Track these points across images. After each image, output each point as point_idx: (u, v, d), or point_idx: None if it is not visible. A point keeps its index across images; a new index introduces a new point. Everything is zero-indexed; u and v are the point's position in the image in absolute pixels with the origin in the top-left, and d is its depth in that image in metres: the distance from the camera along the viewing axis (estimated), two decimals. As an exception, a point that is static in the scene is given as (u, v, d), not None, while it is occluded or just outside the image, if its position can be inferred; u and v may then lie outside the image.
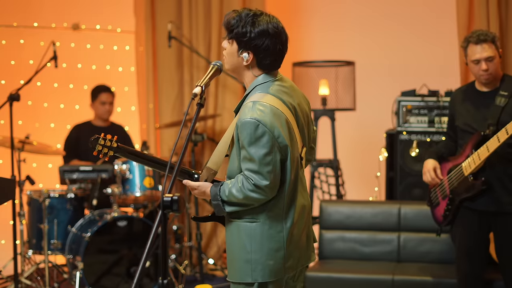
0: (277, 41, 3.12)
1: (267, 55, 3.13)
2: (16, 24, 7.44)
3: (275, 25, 3.14)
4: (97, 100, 6.75)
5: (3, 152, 6.61)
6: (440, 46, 7.24)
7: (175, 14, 7.10)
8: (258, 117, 3.01)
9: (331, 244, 5.61)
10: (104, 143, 3.25)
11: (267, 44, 3.10)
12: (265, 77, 3.17)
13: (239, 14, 3.15)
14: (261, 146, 3.02)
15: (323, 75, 6.32)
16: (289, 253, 3.16)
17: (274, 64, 3.18)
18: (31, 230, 6.17)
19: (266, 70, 3.17)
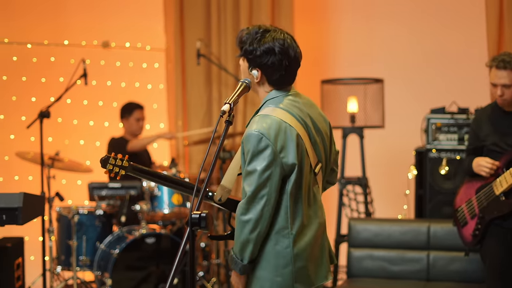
0: (283, 57, 3.10)
1: (274, 71, 3.12)
2: (47, 42, 7.51)
3: (281, 41, 3.12)
4: (131, 117, 6.78)
5: (33, 169, 6.66)
6: (470, 63, 7.19)
7: (204, 32, 7.14)
8: (262, 130, 3.01)
9: (360, 262, 5.57)
10: (115, 162, 3.26)
11: (272, 61, 3.10)
12: (277, 93, 3.17)
13: (249, 31, 3.17)
14: (261, 159, 3.00)
15: (351, 92, 6.31)
16: (297, 270, 3.10)
17: (284, 79, 3.16)
18: (60, 247, 6.20)
19: (277, 86, 3.17)
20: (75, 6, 7.61)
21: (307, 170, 3.11)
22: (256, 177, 3.01)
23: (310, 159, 3.12)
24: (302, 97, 3.25)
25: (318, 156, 3.19)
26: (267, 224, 3.05)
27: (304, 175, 3.09)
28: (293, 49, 3.16)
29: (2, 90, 7.39)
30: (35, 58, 7.50)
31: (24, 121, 7.09)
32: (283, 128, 3.04)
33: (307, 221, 3.13)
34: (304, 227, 3.12)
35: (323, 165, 3.24)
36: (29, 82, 7.48)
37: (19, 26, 7.42)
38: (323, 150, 3.23)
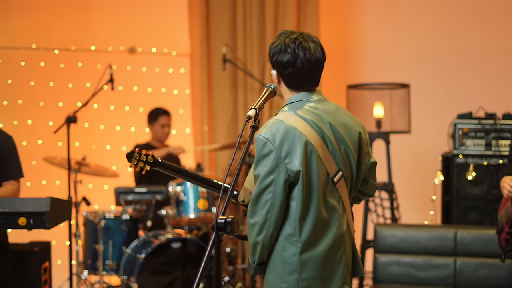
0: (294, 57, 3.12)
1: (287, 71, 3.16)
2: (74, 47, 7.57)
3: (293, 41, 3.14)
4: (156, 123, 6.81)
5: (60, 173, 6.71)
6: (497, 68, 7.14)
7: (230, 37, 7.16)
8: (268, 134, 3.02)
9: (386, 268, 5.54)
10: (139, 158, 3.39)
11: (284, 60, 3.14)
12: (297, 97, 3.17)
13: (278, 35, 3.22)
14: (264, 164, 3.01)
15: (377, 97, 6.29)
16: (304, 279, 3.07)
17: (299, 81, 3.17)
18: (86, 251, 6.23)
19: (294, 88, 3.20)
20: (102, 12, 7.66)
21: (323, 178, 3.07)
22: (259, 181, 3.03)
23: (326, 167, 3.08)
24: (327, 104, 3.21)
25: (338, 165, 3.13)
26: (273, 229, 3.04)
27: (318, 183, 3.06)
28: (308, 50, 3.14)
29: (30, 96, 7.45)
30: (63, 64, 7.56)
31: (52, 126, 7.14)
32: (291, 134, 3.02)
33: (320, 230, 3.09)
34: (316, 236, 3.08)
35: (346, 175, 3.17)
36: (56, 87, 7.54)
37: (47, 32, 7.48)
38: (346, 159, 3.17)
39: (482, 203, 5.78)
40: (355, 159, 3.19)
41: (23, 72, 7.48)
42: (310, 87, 3.20)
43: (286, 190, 3.02)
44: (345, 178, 3.16)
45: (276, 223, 3.03)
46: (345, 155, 3.15)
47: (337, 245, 3.13)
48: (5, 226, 4.07)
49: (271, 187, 3.01)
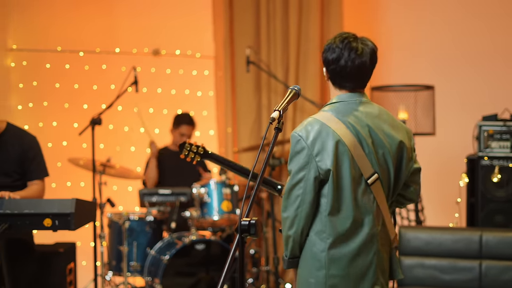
0: (338, 56, 3.24)
1: (329, 69, 3.27)
2: (99, 50, 7.61)
3: (340, 43, 3.27)
4: (177, 130, 6.83)
5: (85, 175, 6.74)
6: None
7: (254, 39, 7.16)
8: (302, 132, 3.12)
9: (410, 271, 5.51)
10: (190, 148, 3.68)
11: (329, 58, 3.26)
12: (340, 97, 3.25)
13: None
14: (296, 161, 3.11)
15: (402, 99, 6.26)
16: (331, 276, 3.13)
17: (341, 80, 3.25)
18: (111, 252, 6.26)
19: (339, 87, 3.28)
20: (126, 15, 7.69)
21: (355, 178, 3.11)
22: (290, 177, 3.13)
23: (360, 168, 3.12)
24: (370, 107, 3.25)
25: (374, 167, 3.16)
26: (304, 224, 3.13)
27: (350, 182, 3.11)
28: (354, 51, 3.25)
29: (55, 98, 7.50)
30: (87, 66, 7.60)
31: (76, 128, 7.19)
32: (325, 133, 3.09)
33: (350, 228, 3.13)
34: (346, 234, 3.13)
35: (383, 178, 3.20)
36: (81, 89, 7.59)
37: (72, 34, 7.53)
38: (384, 163, 3.19)
39: (507, 205, 5.73)
40: (394, 164, 3.23)
41: (48, 74, 7.53)
42: (353, 87, 3.27)
43: (317, 187, 3.10)
44: (381, 181, 3.19)
45: (306, 218, 3.12)
46: (382, 159, 3.19)
47: (368, 245, 3.17)
48: (30, 227, 4.10)
49: (301, 183, 3.10)
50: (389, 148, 3.20)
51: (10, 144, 4.80)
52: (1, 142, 4.79)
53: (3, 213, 4.00)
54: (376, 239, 3.18)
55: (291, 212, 3.12)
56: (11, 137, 4.82)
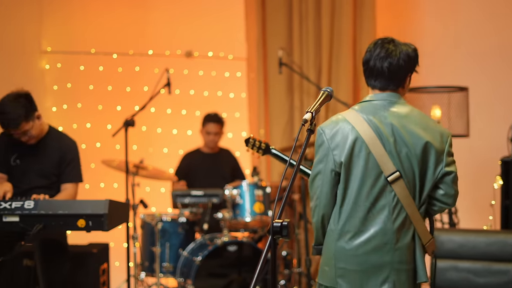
0: (369, 56, 3.36)
1: (363, 69, 3.39)
2: (132, 52, 7.66)
3: (373, 44, 3.40)
4: (204, 129, 6.85)
5: (118, 176, 6.79)
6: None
7: (286, 41, 7.16)
8: (324, 126, 3.31)
9: (444, 273, 5.47)
10: (254, 143, 3.91)
11: (364, 59, 3.39)
12: (370, 97, 3.36)
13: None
14: (318, 153, 3.31)
15: (435, 101, 6.21)
16: (340, 268, 3.23)
17: (370, 79, 3.37)
18: (144, 253, 6.29)
19: (370, 87, 3.39)
20: (159, 17, 7.73)
21: (372, 174, 3.20)
22: (313, 168, 3.33)
23: (379, 165, 3.19)
24: (399, 106, 3.32)
25: (396, 165, 3.19)
26: (324, 213, 3.29)
27: (364, 177, 3.19)
28: (384, 50, 3.37)
29: (89, 99, 7.56)
30: (121, 68, 7.66)
31: (110, 129, 7.24)
32: (346, 129, 3.23)
33: (360, 223, 3.21)
34: (355, 228, 3.22)
35: (408, 177, 3.22)
36: (114, 91, 7.64)
37: (106, 37, 7.59)
38: (408, 163, 3.22)
39: None
40: (419, 164, 3.25)
41: (82, 76, 7.60)
42: (383, 87, 3.35)
43: (334, 178, 3.25)
44: (405, 180, 3.21)
45: (324, 208, 3.28)
46: (406, 158, 3.23)
47: (381, 242, 3.20)
48: (64, 227, 4.14)
49: (320, 174, 3.28)
50: (413, 148, 3.23)
51: (50, 147, 4.86)
52: (43, 144, 4.85)
53: (37, 213, 4.04)
54: (393, 237, 3.20)
55: (313, 202, 3.31)
56: (52, 140, 4.88)
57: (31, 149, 4.84)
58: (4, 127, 4.66)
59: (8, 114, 4.57)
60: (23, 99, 4.64)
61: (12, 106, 4.58)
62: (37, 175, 4.82)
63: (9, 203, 4.07)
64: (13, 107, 4.58)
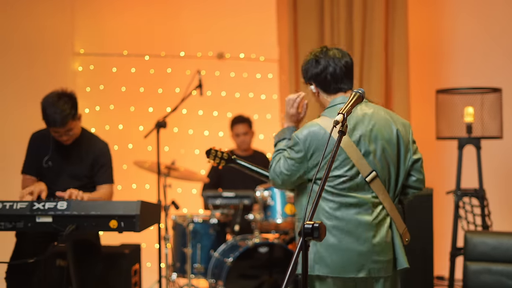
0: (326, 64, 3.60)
1: (319, 80, 3.64)
2: (164, 53, 7.69)
3: (319, 53, 3.63)
4: (232, 132, 6.88)
5: (150, 177, 6.82)
6: None
7: (317, 43, 7.14)
8: (300, 135, 3.49)
9: (477, 276, 5.41)
10: (215, 154, 3.96)
11: (316, 71, 3.63)
12: (336, 101, 3.61)
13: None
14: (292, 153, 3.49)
15: (468, 102, 6.16)
16: (315, 252, 3.43)
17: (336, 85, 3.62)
18: (175, 254, 6.31)
19: (333, 94, 3.65)
20: (191, 19, 7.76)
21: (350, 175, 3.41)
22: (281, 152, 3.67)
23: (357, 168, 3.40)
24: (364, 106, 3.55)
25: (371, 165, 3.43)
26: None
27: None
28: (335, 56, 3.61)
29: (121, 101, 7.61)
30: (153, 70, 7.69)
31: (142, 131, 7.28)
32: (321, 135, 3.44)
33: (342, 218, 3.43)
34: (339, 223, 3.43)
35: (383, 174, 3.47)
36: (146, 93, 7.68)
37: (137, 39, 7.64)
38: (383, 159, 3.47)
39: None
40: (394, 158, 3.52)
41: (114, 78, 7.65)
42: (348, 88, 3.64)
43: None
44: (380, 178, 3.47)
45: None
46: (381, 156, 3.47)
47: (361, 232, 3.43)
48: (97, 228, 4.16)
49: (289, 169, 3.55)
50: (387, 143, 3.48)
51: (83, 149, 4.89)
52: (75, 147, 4.89)
53: (70, 214, 4.07)
54: (372, 230, 3.43)
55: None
56: (84, 142, 4.91)
57: (63, 151, 4.87)
58: (50, 125, 4.66)
59: (58, 113, 4.58)
60: (69, 98, 4.68)
61: (61, 104, 4.61)
62: (69, 177, 4.86)
63: (42, 204, 4.10)
64: (62, 105, 4.61)
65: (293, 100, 3.69)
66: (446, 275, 6.63)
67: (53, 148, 4.87)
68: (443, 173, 7.22)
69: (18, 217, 4.10)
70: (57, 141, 4.84)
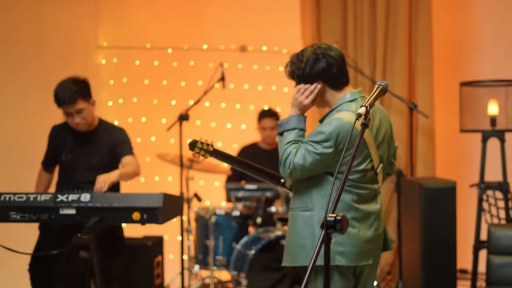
0: (330, 60, 3.55)
1: (329, 76, 3.57)
2: (187, 46, 7.70)
3: (318, 50, 3.59)
4: (259, 125, 6.87)
5: (173, 170, 6.84)
6: None
7: (340, 35, 7.12)
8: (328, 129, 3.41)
9: (500, 270, 5.38)
10: (201, 146, 3.76)
11: (322, 67, 3.58)
12: (348, 97, 3.55)
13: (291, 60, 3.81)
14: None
15: (492, 95, 6.11)
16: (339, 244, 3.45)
17: (342, 80, 3.58)
18: (197, 246, 6.33)
19: (339, 89, 3.58)
20: (214, 12, 7.76)
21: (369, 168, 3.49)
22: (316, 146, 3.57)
23: (373, 160, 3.48)
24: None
25: (380, 157, 3.54)
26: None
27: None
28: (330, 51, 3.57)
29: (144, 94, 7.63)
30: (175, 63, 7.71)
31: (165, 123, 7.29)
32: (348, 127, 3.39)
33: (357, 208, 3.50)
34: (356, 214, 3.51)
35: (384, 164, 3.60)
36: (169, 85, 7.70)
37: (160, 31, 7.65)
38: (387, 148, 3.62)
39: None
40: (388, 146, 3.65)
41: (137, 71, 7.67)
42: (348, 82, 3.61)
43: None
44: (385, 167, 3.63)
45: None
46: (385, 146, 3.59)
47: (373, 222, 3.54)
48: (119, 220, 4.19)
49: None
50: (387, 135, 3.61)
51: (101, 138, 4.93)
52: (93, 137, 4.92)
53: (93, 206, 4.10)
54: (379, 217, 3.56)
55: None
56: (102, 132, 4.96)
57: (81, 143, 4.92)
58: (60, 103, 4.75)
59: (66, 89, 4.73)
60: (79, 80, 4.82)
61: (69, 82, 4.78)
62: (88, 169, 4.90)
63: (66, 196, 4.14)
64: (70, 83, 4.78)
65: (310, 91, 3.63)
66: (469, 268, 6.60)
67: (71, 141, 4.91)
68: (467, 166, 7.18)
69: (42, 209, 4.14)
70: (75, 134, 4.88)
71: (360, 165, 3.45)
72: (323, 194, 3.47)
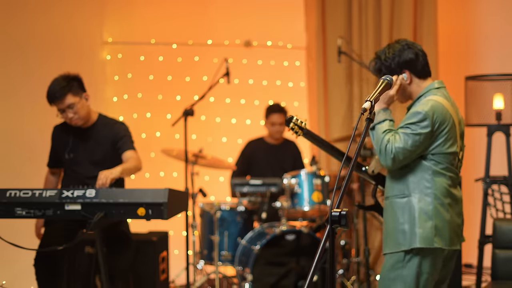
0: (415, 50, 3.79)
1: (418, 65, 3.80)
2: (191, 42, 7.70)
3: (403, 41, 3.83)
4: (267, 120, 6.85)
5: (178, 165, 6.84)
6: None
7: (345, 29, 7.11)
8: (425, 109, 3.57)
9: (506, 264, 5.37)
10: (296, 122, 3.77)
11: (410, 57, 3.81)
12: (435, 84, 3.78)
13: (378, 57, 3.98)
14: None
15: (498, 88, 6.09)
16: (437, 228, 3.58)
17: (428, 69, 3.83)
18: (203, 241, 6.34)
19: (425, 78, 3.83)
20: (218, 7, 7.76)
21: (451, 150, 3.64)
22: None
23: (457, 143, 3.65)
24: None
25: (460, 148, 3.70)
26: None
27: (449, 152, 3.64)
28: (413, 43, 3.81)
29: (149, 89, 7.64)
30: (180, 58, 7.71)
31: (169, 119, 7.30)
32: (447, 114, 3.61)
33: (451, 192, 3.67)
34: (447, 195, 3.66)
35: (463, 154, 3.76)
36: (174, 81, 7.70)
37: (165, 27, 7.65)
38: (462, 143, 3.76)
39: None
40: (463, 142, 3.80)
41: (142, 66, 7.68)
42: (431, 75, 3.84)
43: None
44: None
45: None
46: (462, 141, 3.76)
47: (459, 207, 3.71)
48: (125, 216, 4.19)
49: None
50: (463, 131, 3.76)
51: (101, 133, 4.93)
52: (91, 132, 4.93)
53: (99, 202, 4.10)
54: (462, 204, 3.72)
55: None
56: (102, 126, 4.96)
57: (82, 140, 4.92)
58: (50, 100, 4.77)
59: (55, 85, 4.75)
60: (69, 76, 4.82)
61: (58, 79, 4.80)
62: (92, 164, 4.90)
63: (71, 192, 4.14)
64: (59, 80, 4.79)
65: (398, 85, 3.71)
66: (475, 263, 6.59)
67: (72, 139, 4.92)
68: (472, 161, 7.17)
69: (47, 205, 4.15)
70: (75, 131, 4.89)
71: (452, 147, 3.59)
72: (419, 178, 3.58)
